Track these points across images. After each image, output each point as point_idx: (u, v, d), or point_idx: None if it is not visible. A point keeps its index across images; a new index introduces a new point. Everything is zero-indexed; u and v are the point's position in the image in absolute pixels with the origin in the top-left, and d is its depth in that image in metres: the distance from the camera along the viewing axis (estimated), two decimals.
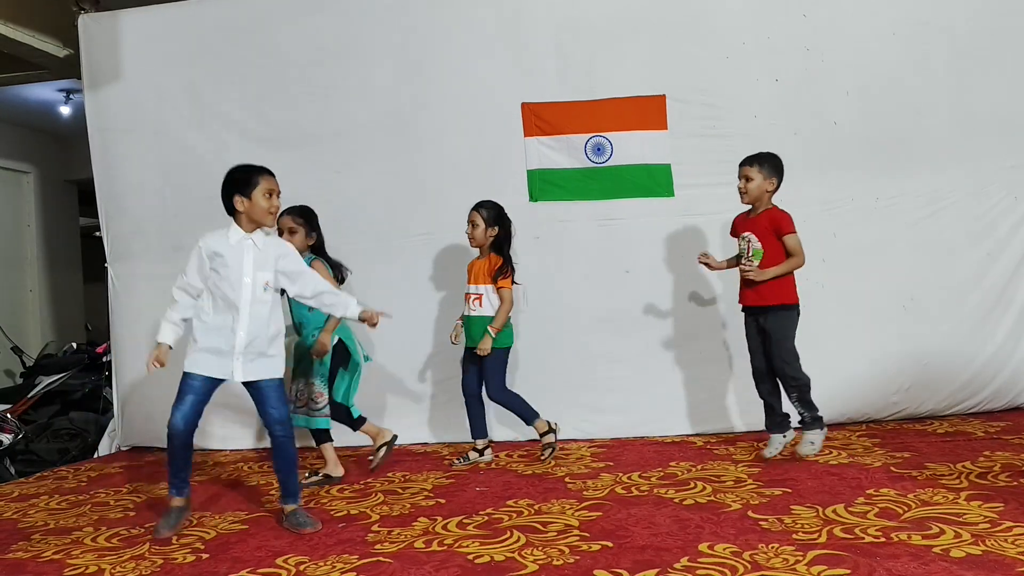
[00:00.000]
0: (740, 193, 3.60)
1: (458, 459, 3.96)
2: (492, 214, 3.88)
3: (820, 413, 3.58)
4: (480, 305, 3.85)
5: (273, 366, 3.05)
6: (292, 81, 4.69)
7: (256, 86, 4.73)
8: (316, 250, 3.76)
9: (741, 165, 3.59)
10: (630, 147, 4.43)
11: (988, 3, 4.35)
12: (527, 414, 3.93)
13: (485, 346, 3.79)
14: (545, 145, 4.49)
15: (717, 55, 4.37)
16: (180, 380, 3.02)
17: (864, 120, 4.33)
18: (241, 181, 3.03)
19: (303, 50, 4.68)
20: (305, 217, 3.72)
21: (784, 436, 3.65)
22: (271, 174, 3.07)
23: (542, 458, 3.87)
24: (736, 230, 3.70)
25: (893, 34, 4.32)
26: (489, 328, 3.80)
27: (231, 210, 3.03)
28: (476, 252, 4.03)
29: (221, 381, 3.03)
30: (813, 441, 3.55)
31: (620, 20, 4.43)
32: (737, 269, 3.65)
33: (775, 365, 3.57)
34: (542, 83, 4.48)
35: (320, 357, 3.59)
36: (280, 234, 3.60)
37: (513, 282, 3.90)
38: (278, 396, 3.05)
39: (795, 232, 3.52)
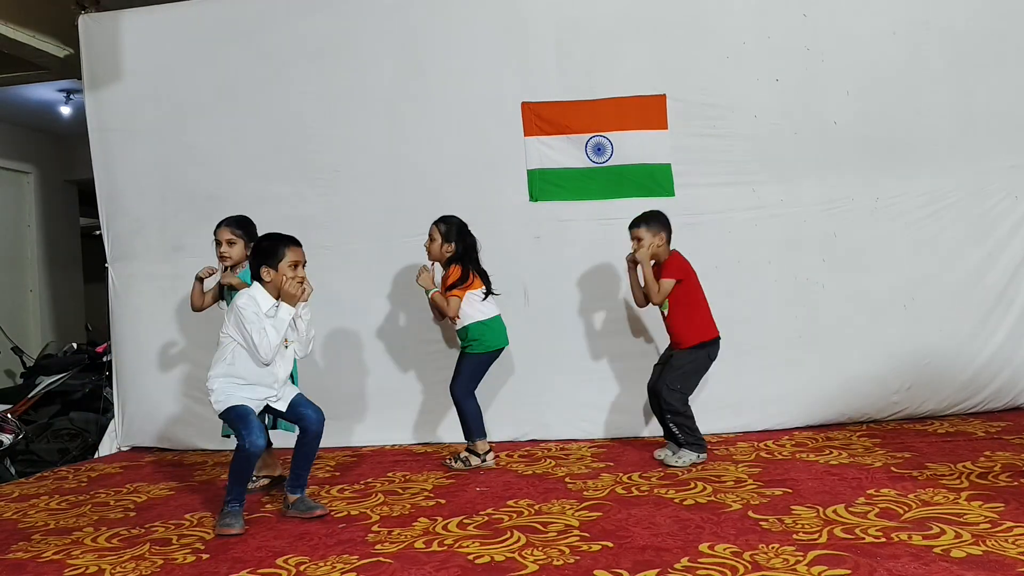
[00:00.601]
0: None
1: (452, 460, 3.91)
2: (451, 230, 3.81)
3: (703, 442, 3.67)
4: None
5: (293, 386, 3.30)
6: (292, 81, 4.68)
7: (256, 86, 4.73)
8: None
9: (630, 228, 3.78)
10: (630, 147, 4.43)
11: (988, 3, 4.35)
12: (475, 430, 3.83)
13: (422, 281, 3.80)
14: (545, 145, 4.49)
15: (717, 55, 4.37)
16: (229, 414, 3.06)
17: (864, 120, 4.33)
18: (268, 252, 3.08)
19: (303, 50, 4.67)
20: (244, 228, 3.64)
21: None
22: (297, 244, 3.12)
23: (450, 463, 3.83)
24: None
25: (893, 34, 4.32)
26: (435, 290, 3.80)
27: (258, 277, 3.09)
28: None
29: None
30: (681, 457, 3.62)
31: (620, 20, 4.43)
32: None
33: (658, 387, 3.71)
34: (542, 83, 4.48)
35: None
36: (218, 246, 3.60)
37: (490, 292, 3.86)
38: (307, 399, 3.24)
39: (671, 279, 3.69)
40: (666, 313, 3.78)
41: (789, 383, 4.24)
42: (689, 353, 3.71)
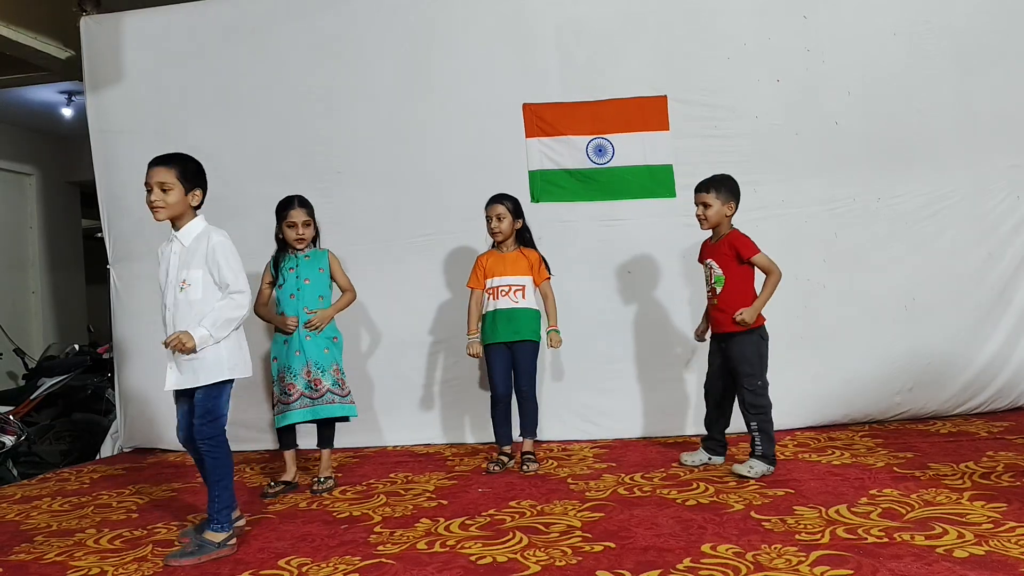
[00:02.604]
0: (699, 220, 3.56)
1: (493, 465, 3.83)
2: (516, 206, 3.86)
3: (775, 455, 3.42)
4: (523, 297, 3.82)
5: (199, 373, 2.77)
6: (292, 81, 4.69)
7: (257, 87, 4.73)
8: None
9: (696, 191, 3.53)
10: (632, 148, 4.43)
11: (988, 2, 4.35)
12: (534, 426, 3.86)
13: (558, 342, 3.78)
14: (546, 146, 4.49)
15: (718, 56, 4.37)
16: None
17: (865, 120, 4.33)
18: None
19: (303, 50, 4.68)
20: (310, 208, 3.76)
21: (710, 458, 3.63)
22: (150, 164, 2.79)
23: (525, 469, 3.75)
24: (702, 256, 3.68)
25: (894, 34, 4.32)
26: (556, 327, 3.80)
27: None
28: (479, 250, 4.04)
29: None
30: (753, 466, 3.35)
31: (621, 20, 4.43)
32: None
33: (739, 393, 3.49)
34: (543, 84, 4.48)
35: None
36: (293, 228, 3.63)
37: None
38: (201, 407, 2.80)
39: (759, 251, 3.44)
40: (720, 290, 3.49)
41: (790, 383, 4.22)
42: (743, 342, 3.43)
